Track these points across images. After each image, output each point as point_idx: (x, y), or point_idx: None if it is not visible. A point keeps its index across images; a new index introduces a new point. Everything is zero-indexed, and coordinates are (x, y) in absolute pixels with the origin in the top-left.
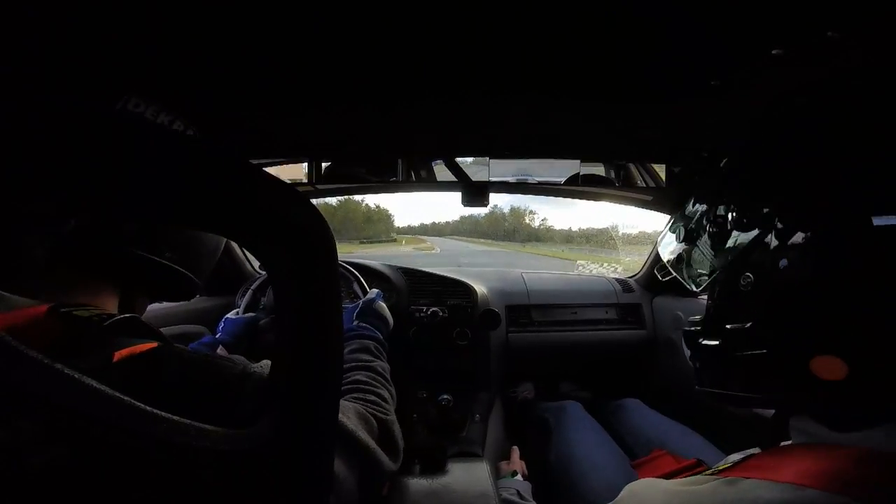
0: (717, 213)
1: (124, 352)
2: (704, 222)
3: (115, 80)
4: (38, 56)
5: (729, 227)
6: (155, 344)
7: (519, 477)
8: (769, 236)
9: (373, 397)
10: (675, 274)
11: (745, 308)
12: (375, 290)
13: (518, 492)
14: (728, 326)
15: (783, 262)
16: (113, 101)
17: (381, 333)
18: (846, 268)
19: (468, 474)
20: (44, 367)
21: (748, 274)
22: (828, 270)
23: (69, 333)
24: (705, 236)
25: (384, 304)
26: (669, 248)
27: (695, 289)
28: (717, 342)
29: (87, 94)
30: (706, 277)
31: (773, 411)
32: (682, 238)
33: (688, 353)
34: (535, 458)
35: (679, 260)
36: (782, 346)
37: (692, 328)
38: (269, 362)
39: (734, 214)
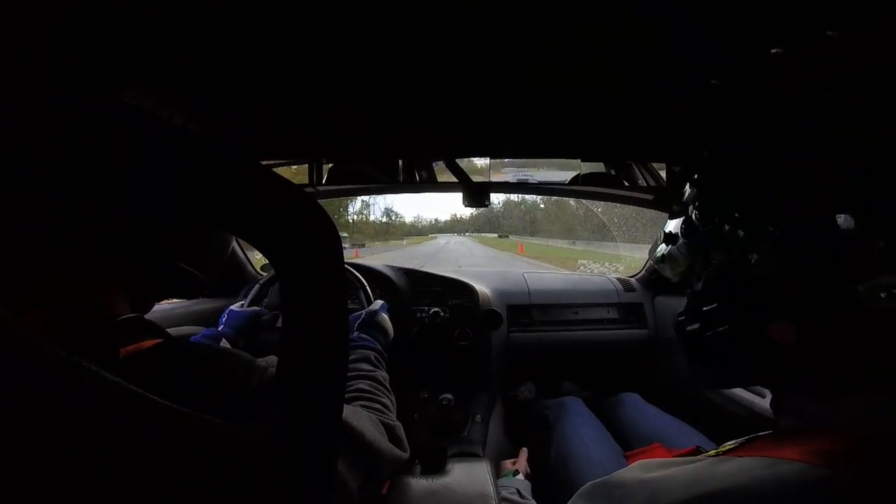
0: (691, 214)
1: (130, 348)
2: (682, 224)
3: (118, 80)
4: (40, 55)
5: (698, 225)
6: (160, 340)
7: (520, 476)
8: (730, 228)
9: (377, 405)
10: (659, 271)
11: (713, 291)
12: (380, 302)
13: (518, 491)
14: (704, 309)
15: (746, 252)
16: (110, 93)
17: (381, 345)
18: (796, 252)
19: (468, 474)
20: (55, 359)
21: (713, 261)
22: (779, 253)
23: (76, 334)
24: (681, 236)
25: (387, 317)
26: (655, 249)
27: (675, 281)
28: (696, 325)
29: (89, 93)
30: (683, 270)
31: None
32: (661, 240)
33: (680, 343)
34: (537, 456)
35: (662, 259)
36: (743, 317)
37: (680, 318)
38: (275, 358)
39: (700, 213)
